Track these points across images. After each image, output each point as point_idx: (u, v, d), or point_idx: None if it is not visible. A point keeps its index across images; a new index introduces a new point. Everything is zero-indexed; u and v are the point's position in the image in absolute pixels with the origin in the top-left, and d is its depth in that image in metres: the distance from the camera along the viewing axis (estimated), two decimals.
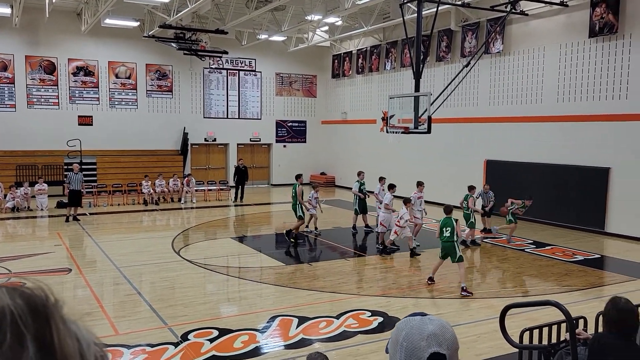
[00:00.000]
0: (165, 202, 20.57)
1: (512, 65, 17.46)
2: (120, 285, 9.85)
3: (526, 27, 17.03)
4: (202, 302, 8.89)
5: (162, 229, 16.47)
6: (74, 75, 22.29)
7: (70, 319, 0.65)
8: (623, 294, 8.45)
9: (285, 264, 11.69)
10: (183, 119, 24.41)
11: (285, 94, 27.02)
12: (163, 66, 23.98)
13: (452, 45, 19.57)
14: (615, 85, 14.53)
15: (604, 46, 14.77)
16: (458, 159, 19.43)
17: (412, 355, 1.34)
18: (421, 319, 1.39)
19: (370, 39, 23.71)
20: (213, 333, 7.36)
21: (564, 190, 15.64)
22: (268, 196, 23.98)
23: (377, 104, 22.74)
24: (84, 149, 21.42)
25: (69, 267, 10.93)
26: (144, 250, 12.69)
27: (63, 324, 0.63)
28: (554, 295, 9.24)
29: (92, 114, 22.68)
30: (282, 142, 27.14)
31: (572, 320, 4.03)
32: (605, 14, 14.53)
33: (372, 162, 23.08)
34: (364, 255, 12.84)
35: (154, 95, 23.92)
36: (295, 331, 7.50)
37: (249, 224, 17.36)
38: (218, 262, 11.65)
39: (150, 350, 6.79)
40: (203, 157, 25.57)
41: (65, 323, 0.64)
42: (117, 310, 8.42)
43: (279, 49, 25.73)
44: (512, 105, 17.47)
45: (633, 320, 3.98)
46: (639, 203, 13.99)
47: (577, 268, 11.33)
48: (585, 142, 15.28)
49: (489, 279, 10.66)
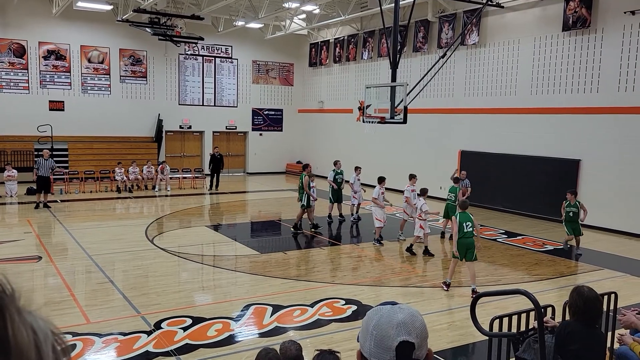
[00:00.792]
0: (138, 190, 20.33)
1: (487, 57, 17.62)
2: (92, 273, 9.72)
3: (502, 19, 17.19)
4: (175, 291, 8.84)
5: (135, 216, 16.28)
6: (45, 59, 21.77)
7: (27, 309, 0.63)
8: (590, 282, 8.68)
9: (260, 252, 11.68)
10: (158, 106, 24.07)
11: (262, 81, 26.84)
12: (137, 51, 23.57)
13: (428, 36, 19.66)
14: (587, 79, 14.79)
15: (577, 40, 15.00)
16: (433, 149, 19.61)
17: (381, 344, 1.35)
18: (391, 307, 1.40)
19: (347, 28, 23.66)
20: (187, 321, 7.33)
21: (536, 181, 15.92)
22: (244, 184, 23.88)
23: (354, 94, 22.77)
24: (55, 135, 21.00)
25: (39, 255, 10.74)
26: (116, 238, 12.54)
27: (18, 315, 0.61)
28: (524, 284, 9.44)
29: (64, 99, 22.20)
30: (258, 130, 27.00)
31: (541, 309, 4.12)
32: (578, 8, 14.75)
33: (349, 152, 23.13)
34: (339, 244, 12.89)
35: (128, 80, 23.52)
36: (269, 319, 7.52)
37: (224, 213, 17.27)
38: (192, 251, 11.58)
39: (122, 338, 6.74)
40: (178, 144, 25.30)
41: (20, 314, 0.61)
42: (89, 299, 8.32)
43: (256, 37, 25.51)
44: (487, 96, 17.66)
45: (597, 307, 4.11)
46: (607, 194, 14.34)
47: (547, 258, 11.58)
48: (557, 134, 15.56)
49: (461, 268, 10.80)
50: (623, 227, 13.98)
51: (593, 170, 14.69)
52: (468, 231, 8.87)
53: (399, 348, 1.33)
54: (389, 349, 1.34)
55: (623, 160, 13.98)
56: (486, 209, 17.05)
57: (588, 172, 14.83)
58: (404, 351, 1.33)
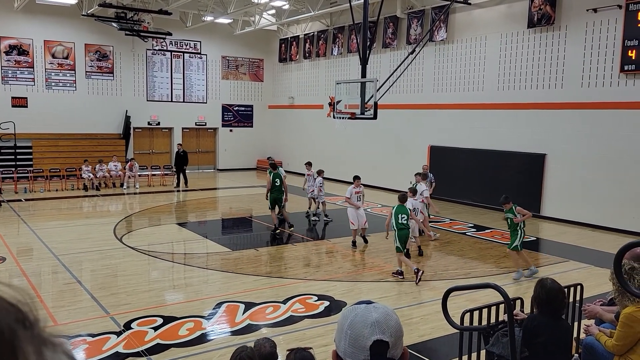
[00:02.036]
0: (106, 188, 19.96)
1: (455, 53, 17.83)
2: (59, 273, 9.51)
3: (469, 16, 17.41)
4: (145, 290, 8.71)
5: (103, 215, 15.98)
6: (7, 54, 21.13)
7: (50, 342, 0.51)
8: (556, 274, 8.89)
9: (232, 249, 11.60)
10: (125, 102, 23.64)
11: (232, 77, 26.61)
12: (103, 46, 23.09)
13: (398, 32, 19.78)
14: (551, 75, 15.11)
15: (542, 37, 15.30)
16: (403, 144, 19.77)
17: (355, 343, 1.35)
18: (366, 306, 1.40)
19: (317, 24, 23.63)
20: (157, 321, 7.25)
21: (503, 176, 16.20)
22: (214, 181, 23.67)
23: (324, 89, 22.77)
24: (19, 132, 20.44)
25: (2, 256, 10.45)
26: (84, 238, 12.29)
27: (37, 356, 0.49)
28: (493, 277, 9.62)
29: (27, 95, 21.61)
30: (228, 126, 26.78)
31: (510, 302, 4.20)
32: (543, 5, 15.04)
33: (319, 148, 23.16)
34: (311, 240, 12.89)
35: (94, 76, 23.02)
36: (241, 317, 7.48)
37: (194, 210, 17.10)
38: (162, 249, 11.44)
39: (91, 340, 6.62)
40: (146, 141, 24.90)
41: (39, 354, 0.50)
42: (56, 300, 8.14)
43: (225, 32, 25.26)
44: (455, 92, 17.88)
45: (560, 299, 4.21)
46: (571, 188, 14.70)
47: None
48: (523, 129, 15.86)
49: (432, 262, 10.94)
50: (587, 220, 14.35)
51: (558, 164, 15.03)
52: (403, 223, 9.47)
53: (372, 347, 1.33)
54: (363, 348, 1.34)
55: (587, 154, 14.34)
56: (456, 203, 17.29)
57: (553, 166, 15.16)
58: (378, 350, 1.34)
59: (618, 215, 13.67)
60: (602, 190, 14.03)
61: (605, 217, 13.95)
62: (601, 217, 14.04)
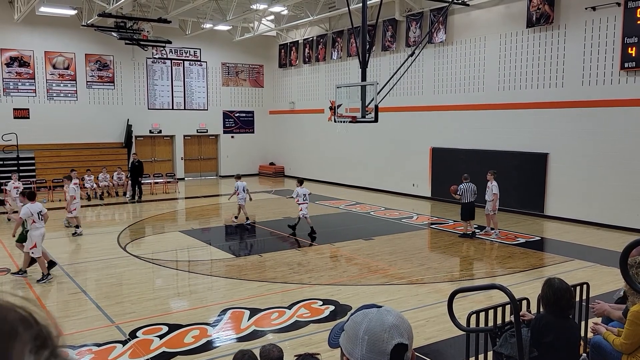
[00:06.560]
0: (109, 197, 19.98)
1: (454, 54, 17.84)
2: (64, 283, 9.51)
3: (467, 17, 17.42)
4: (150, 298, 8.70)
5: (106, 224, 15.98)
6: (8, 66, 21.22)
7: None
8: (562, 273, 8.86)
9: (236, 256, 11.59)
10: (126, 111, 23.70)
11: (232, 84, 26.66)
12: (104, 56, 23.16)
13: (397, 35, 19.81)
14: (552, 74, 15.10)
15: (541, 36, 15.30)
16: (405, 147, 19.76)
17: (374, 348, 1.34)
18: (378, 311, 1.40)
19: (316, 29, 23.68)
20: (163, 329, 7.23)
21: (506, 176, 16.15)
22: (216, 188, 23.68)
23: (325, 94, 22.80)
24: (21, 144, 20.50)
25: (7, 268, 10.46)
26: (88, 247, 12.29)
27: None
28: (498, 278, 9.59)
29: (29, 106, 21.68)
30: (229, 132, 26.81)
31: (516, 302, 4.18)
32: (541, 5, 15.05)
33: (321, 152, 23.17)
34: (315, 244, 12.88)
35: (95, 86, 23.09)
36: (247, 323, 7.46)
37: (198, 217, 17.09)
38: (166, 257, 11.43)
39: (97, 349, 6.61)
40: (148, 149, 24.94)
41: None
42: (61, 310, 8.13)
43: (225, 39, 25.32)
44: (456, 93, 17.88)
45: (568, 298, 4.18)
46: (575, 186, 14.66)
47: (519, 250, 11.77)
48: (524, 128, 15.84)
49: (436, 264, 10.91)
50: (591, 218, 14.31)
51: (560, 163, 15.00)
52: None
53: (394, 351, 1.34)
54: (384, 352, 1.34)
55: (589, 152, 14.31)
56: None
57: (556, 165, 15.13)
58: (398, 353, 1.34)
59: (622, 213, 13.62)
60: (606, 187, 14.00)
61: (609, 215, 13.91)
62: (605, 215, 14.00)
